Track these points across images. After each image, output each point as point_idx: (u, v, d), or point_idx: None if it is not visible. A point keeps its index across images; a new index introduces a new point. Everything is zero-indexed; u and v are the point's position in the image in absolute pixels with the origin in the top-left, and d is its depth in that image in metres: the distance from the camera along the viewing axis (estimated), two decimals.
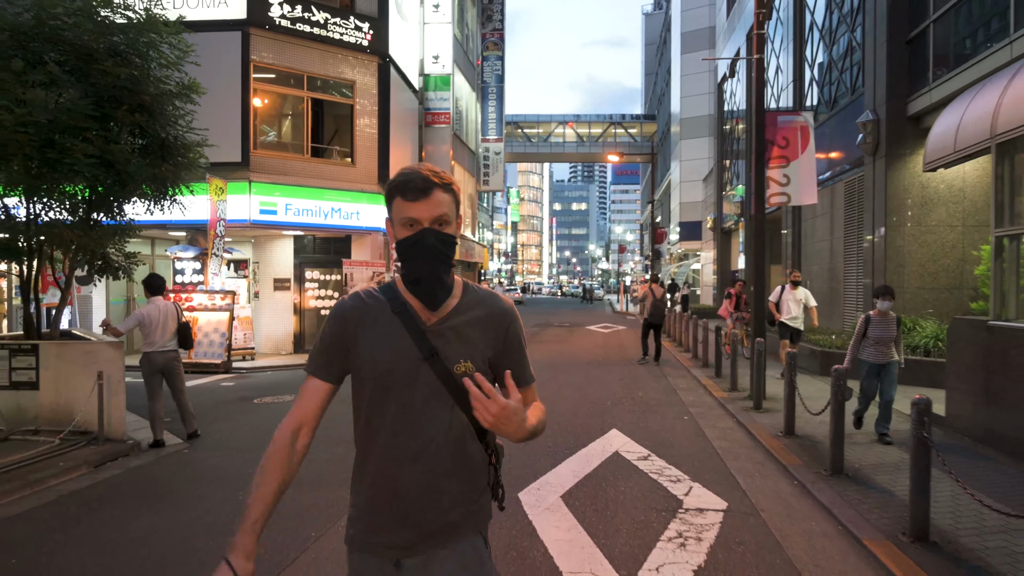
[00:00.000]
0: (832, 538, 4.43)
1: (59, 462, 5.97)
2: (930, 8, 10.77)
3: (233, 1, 13.15)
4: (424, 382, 1.60)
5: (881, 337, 6.56)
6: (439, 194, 1.59)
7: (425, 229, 1.58)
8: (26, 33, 6.59)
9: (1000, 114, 6.60)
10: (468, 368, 1.61)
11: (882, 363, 6.58)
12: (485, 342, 1.67)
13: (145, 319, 6.72)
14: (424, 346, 1.60)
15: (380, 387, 1.62)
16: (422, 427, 1.60)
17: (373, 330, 1.63)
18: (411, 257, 1.59)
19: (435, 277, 1.59)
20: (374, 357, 1.62)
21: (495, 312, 1.71)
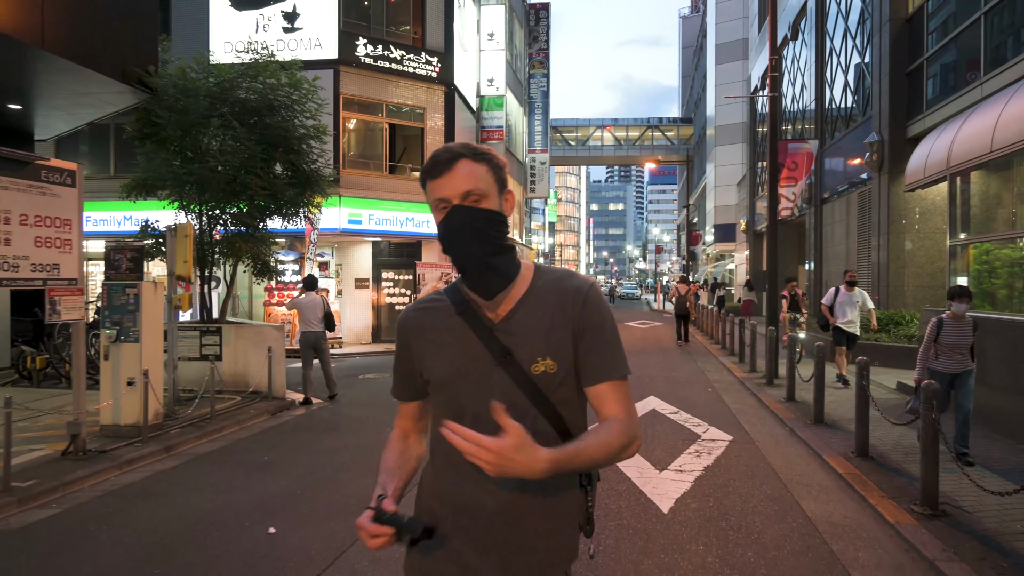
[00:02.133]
0: (803, 456, 6.49)
1: (249, 410, 8.32)
2: (924, 47, 12.57)
3: (327, 43, 15.56)
4: (499, 389, 1.37)
5: (956, 343, 5.86)
6: (467, 165, 1.36)
7: (454, 207, 1.35)
8: (216, 97, 8.97)
9: (954, 149, 8.51)
10: (548, 366, 1.38)
11: (956, 372, 5.87)
12: (563, 333, 1.40)
13: (300, 306, 9.04)
14: (495, 347, 1.38)
15: (450, 399, 1.43)
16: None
17: (435, 338, 1.45)
18: (446, 243, 1.37)
19: (478, 261, 1.35)
20: (439, 367, 1.43)
21: (567, 291, 1.44)
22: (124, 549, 4.20)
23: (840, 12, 17.10)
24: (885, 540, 4.38)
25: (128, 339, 6.78)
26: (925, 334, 6.06)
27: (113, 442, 6.50)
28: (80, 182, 6.01)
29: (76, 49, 7.76)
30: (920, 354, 6.09)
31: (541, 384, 1.39)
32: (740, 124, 34.53)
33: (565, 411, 1.42)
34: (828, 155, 17.71)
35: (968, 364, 5.90)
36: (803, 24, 20.94)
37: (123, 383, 6.77)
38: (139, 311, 6.77)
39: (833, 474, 5.85)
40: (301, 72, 9.86)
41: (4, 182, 5.25)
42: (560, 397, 1.42)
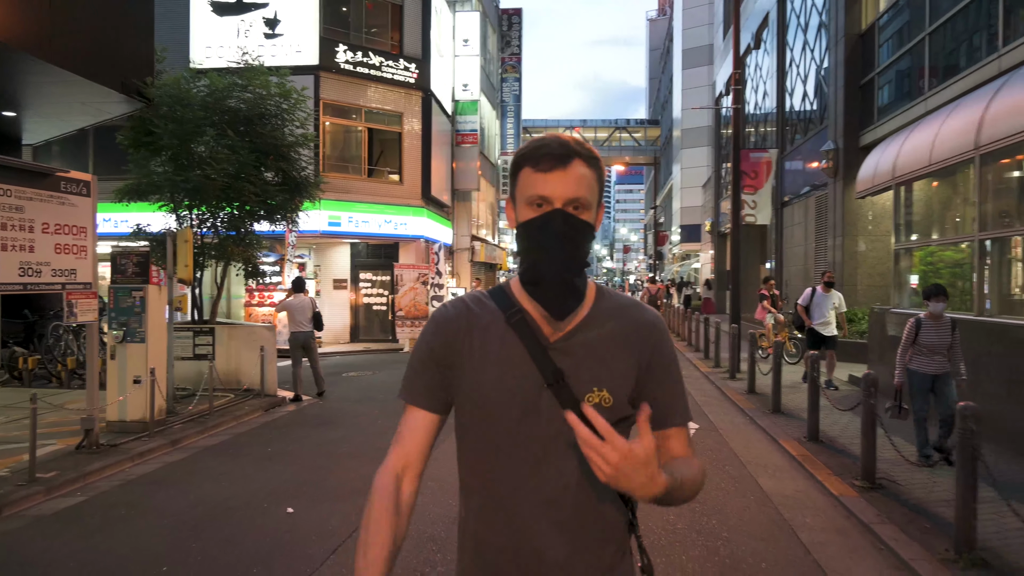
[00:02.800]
0: (760, 440, 7.17)
1: (244, 407, 8.73)
2: (876, 61, 13.44)
3: (308, 49, 15.92)
4: (547, 415, 1.20)
5: (934, 344, 5.73)
6: (580, 167, 1.19)
7: (555, 210, 1.17)
8: (209, 107, 9.35)
9: (898, 161, 9.29)
10: (603, 398, 1.21)
11: (936, 374, 5.75)
12: (626, 365, 1.25)
13: (290, 307, 9.47)
14: (547, 368, 1.21)
15: (490, 423, 1.24)
16: (546, 475, 1.20)
17: (481, 347, 1.26)
18: (534, 247, 1.20)
19: (563, 277, 1.19)
20: (482, 383, 1.24)
21: (640, 324, 1.28)
22: (158, 529, 4.65)
23: (800, 25, 17.98)
24: (829, 509, 5.05)
25: (135, 340, 7.17)
26: (903, 335, 5.88)
27: (121, 437, 6.89)
28: (94, 192, 6.40)
29: (79, 61, 8.08)
30: (899, 355, 5.94)
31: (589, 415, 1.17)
32: (705, 128, 35.52)
33: None
34: (788, 160, 18.58)
35: (947, 366, 5.74)
36: (765, 34, 21.84)
37: (129, 381, 7.16)
38: (145, 313, 7.17)
39: (787, 456, 6.53)
40: (291, 83, 10.25)
41: (29, 193, 5.64)
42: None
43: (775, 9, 19.85)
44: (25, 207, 5.61)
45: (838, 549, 4.32)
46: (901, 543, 4.28)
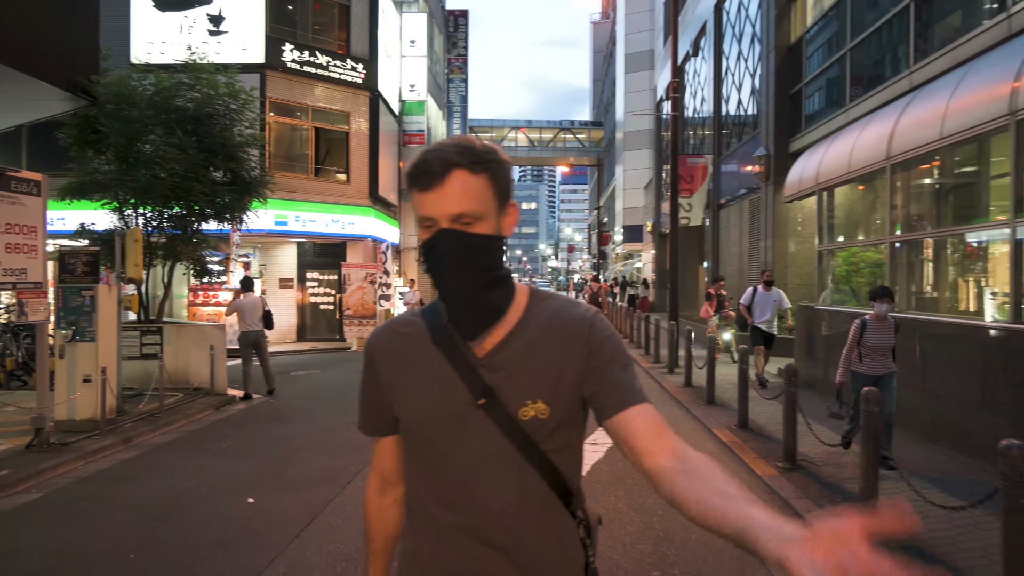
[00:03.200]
0: (696, 429, 7.68)
1: (194, 405, 8.78)
2: (804, 73, 14.26)
3: (254, 48, 15.83)
4: (480, 435, 1.16)
5: (879, 345, 5.77)
6: (462, 178, 1.12)
7: (440, 231, 1.13)
8: (157, 106, 9.33)
9: (821, 168, 9.99)
10: (539, 410, 1.17)
11: (879, 375, 5.78)
12: (563, 369, 1.19)
13: (241, 307, 9.54)
14: (476, 386, 1.17)
15: (424, 445, 1.21)
16: (482, 497, 1.16)
17: (410, 370, 1.23)
18: (430, 270, 1.18)
19: (463, 296, 1.16)
20: (413, 406, 1.22)
21: (569, 322, 1.22)
22: (121, 520, 4.79)
23: (735, 35, 18.82)
24: (754, 488, 5.54)
25: (84, 339, 7.18)
26: (849, 336, 5.89)
27: (72, 436, 6.90)
28: (44, 191, 6.42)
29: (19, 56, 7.98)
30: (843, 356, 5.93)
31: (530, 430, 1.16)
32: (647, 131, 36.50)
33: (559, 460, 1.21)
34: (725, 163, 19.43)
35: (891, 366, 5.80)
36: (703, 42, 22.69)
37: (79, 380, 7.17)
38: (95, 312, 7.18)
39: (719, 442, 7.04)
40: (240, 82, 10.29)
41: None
42: (553, 445, 1.19)
43: (712, 19, 20.69)
44: None
45: None
46: (814, 513, 4.77)
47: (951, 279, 7.98)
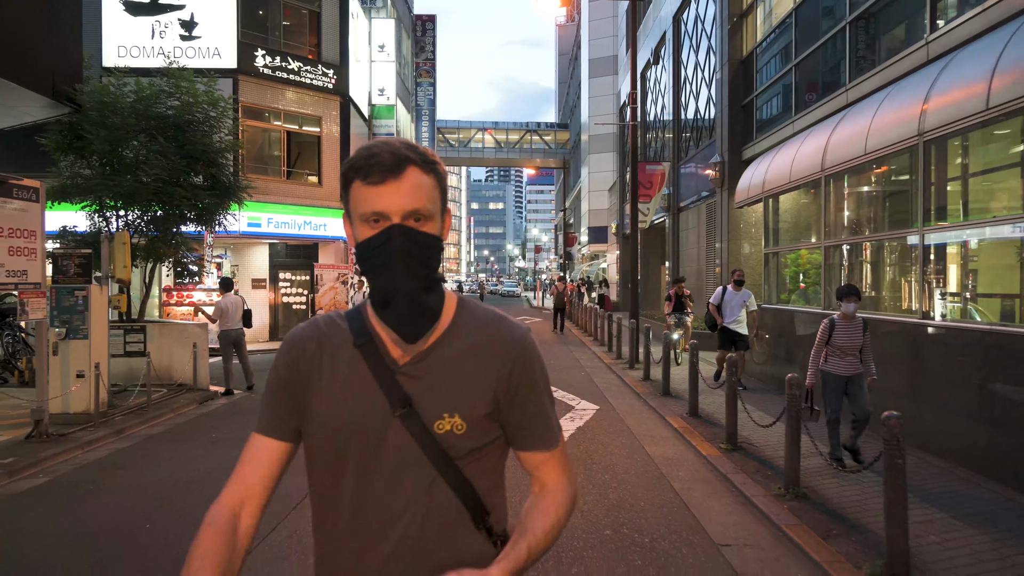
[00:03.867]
0: (651, 418, 8.38)
1: (179, 400, 9.20)
2: (755, 85, 15.13)
3: (226, 53, 16.14)
4: (394, 445, 1.14)
5: (847, 345, 5.71)
6: (416, 175, 1.11)
7: (393, 226, 1.10)
8: (140, 114, 9.71)
9: (767, 176, 10.79)
10: (455, 425, 1.15)
11: (849, 375, 5.75)
12: (482, 387, 1.18)
13: (223, 306, 9.97)
14: (394, 394, 1.15)
15: (334, 454, 1.17)
16: (392, 511, 1.13)
17: (329, 373, 1.19)
18: (375, 268, 1.12)
19: (411, 297, 1.12)
20: (328, 410, 1.17)
21: (497, 341, 1.21)
22: (126, 501, 5.27)
23: (692, 47, 19.69)
24: (699, 465, 6.24)
25: (77, 336, 7.58)
26: (817, 335, 5.86)
27: (67, 428, 7.30)
28: (43, 198, 6.83)
29: (9, 66, 8.31)
30: (812, 356, 5.89)
31: (445, 444, 1.15)
32: (611, 135, 37.39)
33: (474, 474, 1.18)
34: (683, 168, 20.30)
35: (859, 367, 5.74)
36: (663, 51, 23.57)
37: (72, 376, 7.57)
38: (88, 311, 7.59)
39: (670, 428, 7.74)
40: (219, 91, 10.70)
41: None
42: (468, 459, 1.18)
43: (671, 29, 21.55)
44: None
45: (701, 492, 5.48)
46: (748, 485, 5.48)
47: (879, 279, 8.82)
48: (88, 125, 9.28)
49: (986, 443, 5.67)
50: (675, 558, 4.14)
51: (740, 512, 5.02)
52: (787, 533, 4.46)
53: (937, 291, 6.90)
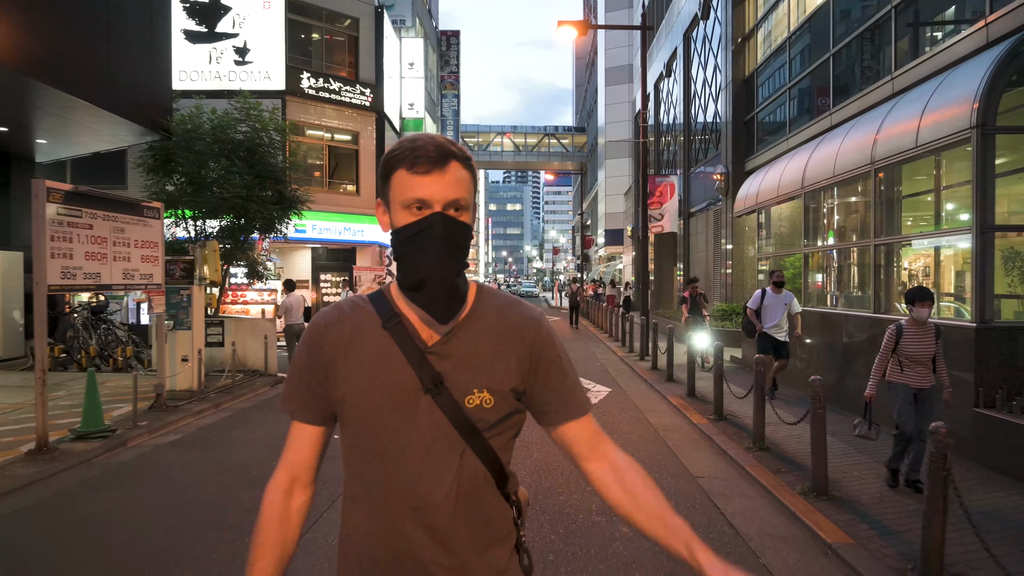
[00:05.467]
0: (655, 398, 9.91)
1: (255, 383, 10.87)
2: (756, 102, 16.57)
3: (275, 76, 17.89)
4: (426, 420, 1.22)
5: (917, 355, 5.13)
6: (457, 169, 1.21)
7: (436, 214, 1.18)
8: (220, 140, 11.41)
9: (760, 190, 12.26)
10: (484, 399, 1.24)
11: (920, 388, 5.16)
12: (506, 364, 1.27)
13: (288, 304, 11.64)
14: (425, 373, 1.23)
15: (370, 430, 1.24)
16: (425, 481, 1.22)
17: (357, 354, 1.26)
18: (414, 252, 1.20)
19: (445, 280, 1.21)
20: (359, 391, 1.24)
21: (516, 322, 1.31)
22: (245, 448, 6.90)
23: (701, 63, 21.13)
24: (690, 430, 7.77)
25: (182, 328, 9.27)
26: (882, 344, 5.26)
27: (176, 401, 8.98)
28: (162, 216, 8.51)
29: (125, 105, 10.06)
30: (875, 366, 5.31)
31: (474, 418, 1.23)
32: (628, 141, 38.80)
33: (498, 446, 1.28)
34: (693, 178, 21.74)
35: (930, 378, 5.16)
36: (675, 65, 25.02)
37: (179, 360, 9.26)
38: (191, 307, 9.27)
39: (670, 405, 9.27)
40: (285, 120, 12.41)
41: (128, 219, 7.75)
42: (495, 432, 1.27)
43: (682, 46, 23.00)
44: (124, 229, 7.72)
45: (688, 447, 7.02)
46: (725, 443, 7.01)
47: (846, 281, 10.27)
48: (177, 150, 10.99)
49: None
50: (662, 483, 5.69)
51: (716, 459, 6.56)
52: (748, 470, 6.00)
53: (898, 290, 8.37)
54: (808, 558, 4.21)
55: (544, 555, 4.13)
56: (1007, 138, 6.87)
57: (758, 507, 5.17)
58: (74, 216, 6.82)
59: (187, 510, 5.00)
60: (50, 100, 9.20)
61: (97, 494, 5.49)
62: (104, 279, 7.33)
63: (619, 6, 40.22)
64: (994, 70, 6.11)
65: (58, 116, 10.00)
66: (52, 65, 8.49)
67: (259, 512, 1.30)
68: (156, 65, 11.00)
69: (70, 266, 6.75)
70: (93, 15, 9.38)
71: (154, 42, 10.90)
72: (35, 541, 4.45)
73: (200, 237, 11.84)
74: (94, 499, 5.37)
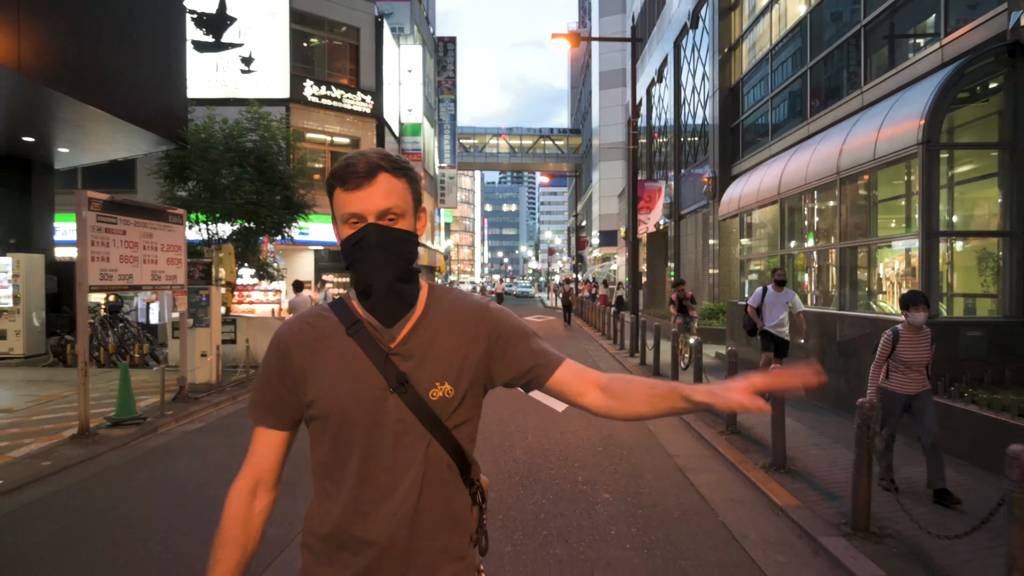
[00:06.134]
0: None
1: None
2: (741, 110, 17.32)
3: (279, 84, 18.58)
4: (393, 418, 1.31)
5: (913, 360, 5.08)
6: (387, 180, 1.29)
7: (368, 225, 1.27)
8: (232, 148, 12.11)
9: (742, 195, 13.00)
10: (446, 391, 1.34)
11: (912, 394, 5.13)
12: (464, 354, 1.37)
13: (296, 303, 12.33)
14: (391, 373, 1.32)
15: (339, 431, 1.33)
16: (395, 472, 1.31)
17: (325, 360, 1.34)
18: (356, 261, 1.30)
19: (386, 286, 1.29)
20: (328, 394, 1.32)
21: (469, 312, 1.41)
22: None
23: (690, 71, 21.89)
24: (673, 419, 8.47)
25: (201, 325, 9.96)
26: (878, 349, 5.19)
27: (195, 394, 9.66)
28: (184, 221, 9.20)
29: (145, 117, 10.75)
30: (872, 372, 5.22)
31: (437, 410, 1.33)
32: (621, 144, 39.57)
33: (460, 434, 1.37)
34: (683, 181, 22.47)
35: (925, 383, 5.12)
36: (666, 72, 25.76)
37: (198, 355, 9.94)
38: (209, 306, 9.96)
39: None
40: (292, 128, 13.11)
41: (156, 226, 8.44)
42: (456, 421, 1.36)
43: (672, 53, 23.75)
44: (153, 234, 8.41)
45: (668, 431, 7.74)
46: (702, 428, 7.73)
47: (824, 280, 11.01)
48: (193, 158, 11.69)
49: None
50: (641, 460, 6.42)
51: (692, 441, 7.29)
52: (719, 450, 6.72)
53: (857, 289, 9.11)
54: (761, 517, 4.93)
55: (536, 515, 4.85)
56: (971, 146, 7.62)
57: (724, 479, 5.90)
58: (110, 223, 7.51)
59: (222, 481, 5.68)
60: (76, 112, 9.88)
61: (142, 470, 6.19)
62: (135, 280, 8.02)
63: (613, 11, 40.96)
64: (937, 93, 6.85)
65: (82, 127, 10.68)
66: (79, 79, 9.18)
67: (222, 514, 1.37)
68: (173, 78, 11.69)
69: (107, 268, 7.43)
70: (117, 33, 10.07)
71: (171, 56, 11.60)
72: (103, 504, 5.16)
73: (213, 240, 12.53)
74: (141, 473, 6.07)
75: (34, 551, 4.27)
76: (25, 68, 7.96)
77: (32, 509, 5.09)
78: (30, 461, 6.23)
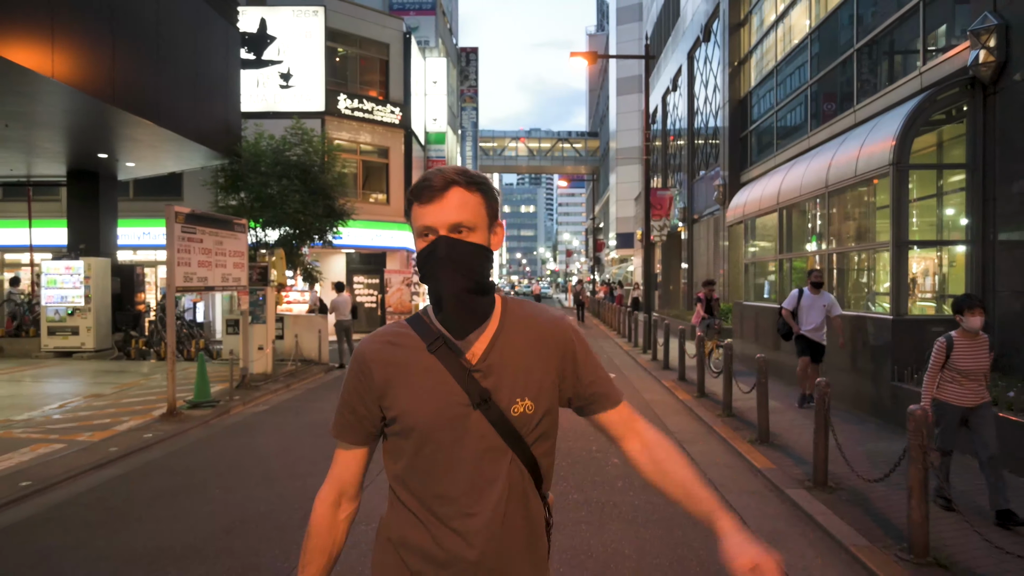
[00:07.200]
0: (652, 381, 11.73)
1: (312, 370, 12.81)
2: (749, 120, 18.31)
3: (315, 99, 19.89)
4: (476, 434, 1.34)
5: (970, 369, 4.62)
6: (460, 194, 1.32)
7: (439, 238, 1.30)
8: (279, 162, 13.38)
9: (747, 202, 14.03)
10: (527, 407, 1.36)
11: (971, 406, 4.65)
12: (543, 371, 1.40)
13: (337, 303, 13.57)
14: (474, 390, 1.34)
15: (421, 447, 1.35)
16: (480, 489, 1.33)
17: (407, 377, 1.37)
18: (428, 274, 1.33)
19: (455, 298, 1.32)
20: (412, 411, 1.35)
21: (546, 327, 1.44)
22: (323, 415, 8.79)
23: (702, 82, 22.88)
24: (677, 405, 9.59)
25: (258, 321, 11.21)
26: (931, 357, 4.77)
27: (254, 382, 10.91)
28: (247, 230, 10.45)
29: (209, 136, 12.04)
30: (925, 382, 4.80)
31: (518, 425, 1.35)
32: (638, 148, 40.52)
33: (538, 449, 1.40)
34: (696, 186, 23.47)
35: (984, 395, 4.67)
36: (680, 81, 26.76)
37: (255, 349, 11.20)
38: (266, 304, 11.22)
39: (663, 387, 11.09)
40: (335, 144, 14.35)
41: (225, 234, 9.70)
42: (535, 436, 1.39)
43: (686, 64, 24.75)
44: (223, 242, 9.66)
45: (671, 414, 8.84)
46: (702, 412, 8.82)
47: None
48: (246, 171, 12.97)
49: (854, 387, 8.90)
50: None
51: (692, 423, 8.38)
52: (714, 429, 7.81)
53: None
54: (741, 476, 6.03)
55: (558, 472, 5.98)
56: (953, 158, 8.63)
57: (714, 449, 7.00)
58: (191, 233, 8.77)
59: (298, 448, 6.91)
60: (148, 132, 11.18)
61: (230, 439, 7.44)
62: (210, 282, 9.28)
63: (630, 19, 41.97)
64: (905, 120, 7.88)
65: (153, 146, 12.00)
66: (156, 105, 10.48)
67: (309, 522, 1.44)
68: (228, 98, 12.99)
69: (189, 272, 8.69)
70: (186, 64, 11.37)
71: (227, 79, 12.90)
72: (207, 464, 6.38)
73: (261, 246, 13.80)
74: (230, 441, 7.32)
75: (164, 495, 5.49)
76: (118, 101, 9.25)
77: (151, 467, 6.33)
78: (134, 433, 7.49)
